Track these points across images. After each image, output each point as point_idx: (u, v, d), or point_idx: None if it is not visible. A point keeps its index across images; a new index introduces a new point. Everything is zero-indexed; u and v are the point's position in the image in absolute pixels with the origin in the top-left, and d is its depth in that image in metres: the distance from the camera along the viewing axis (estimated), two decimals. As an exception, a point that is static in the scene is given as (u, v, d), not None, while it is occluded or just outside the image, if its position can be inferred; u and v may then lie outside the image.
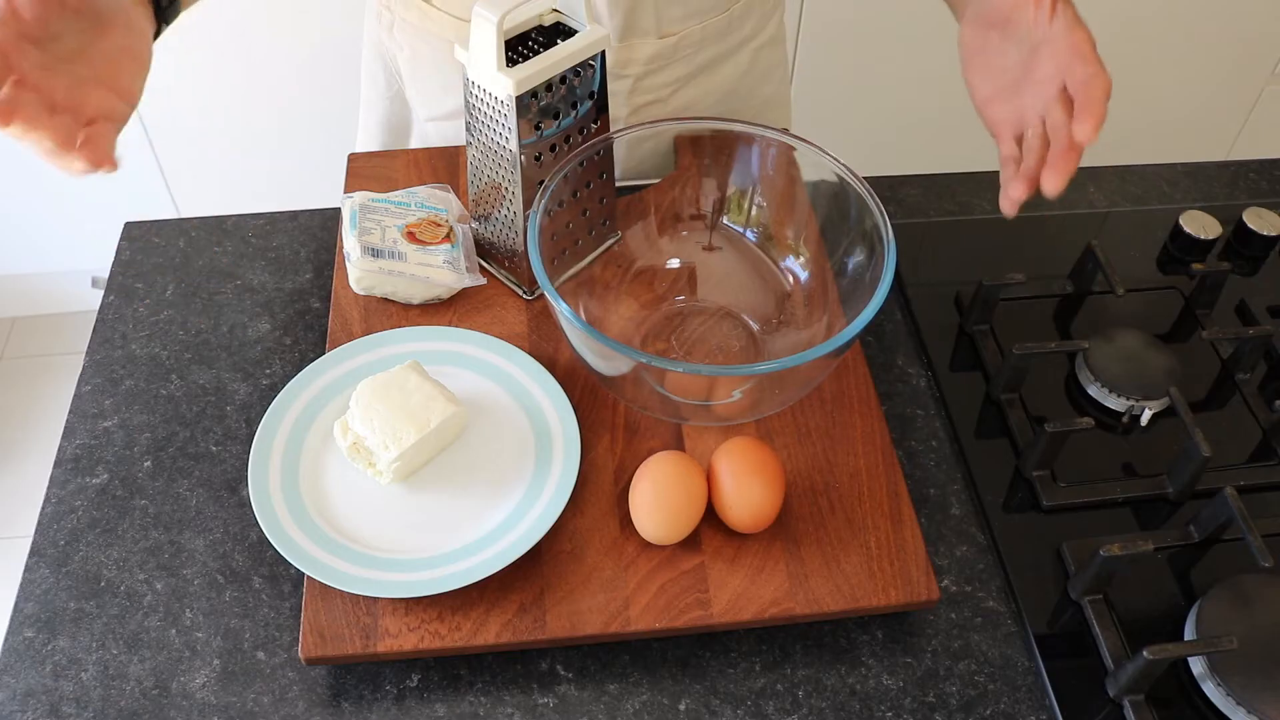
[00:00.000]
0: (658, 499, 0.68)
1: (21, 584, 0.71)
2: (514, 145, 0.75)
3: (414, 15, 0.93)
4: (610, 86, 0.91)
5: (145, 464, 0.77)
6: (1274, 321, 0.90)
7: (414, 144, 1.03)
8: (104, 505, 0.74)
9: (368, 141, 1.07)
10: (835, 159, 0.76)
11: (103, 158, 0.60)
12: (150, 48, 0.66)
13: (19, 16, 0.58)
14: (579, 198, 0.79)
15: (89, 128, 0.60)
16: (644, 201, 0.84)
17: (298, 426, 0.73)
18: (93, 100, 0.62)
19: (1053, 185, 0.66)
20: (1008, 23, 0.70)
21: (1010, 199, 0.69)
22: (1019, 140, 0.70)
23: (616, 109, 0.93)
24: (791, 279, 0.82)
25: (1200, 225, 0.94)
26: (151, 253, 0.91)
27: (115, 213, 1.12)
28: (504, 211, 0.80)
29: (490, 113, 0.75)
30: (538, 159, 0.77)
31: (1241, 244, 0.95)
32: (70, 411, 0.80)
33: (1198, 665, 0.67)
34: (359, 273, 0.80)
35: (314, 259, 0.90)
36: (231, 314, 0.86)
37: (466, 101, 0.77)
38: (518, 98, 0.72)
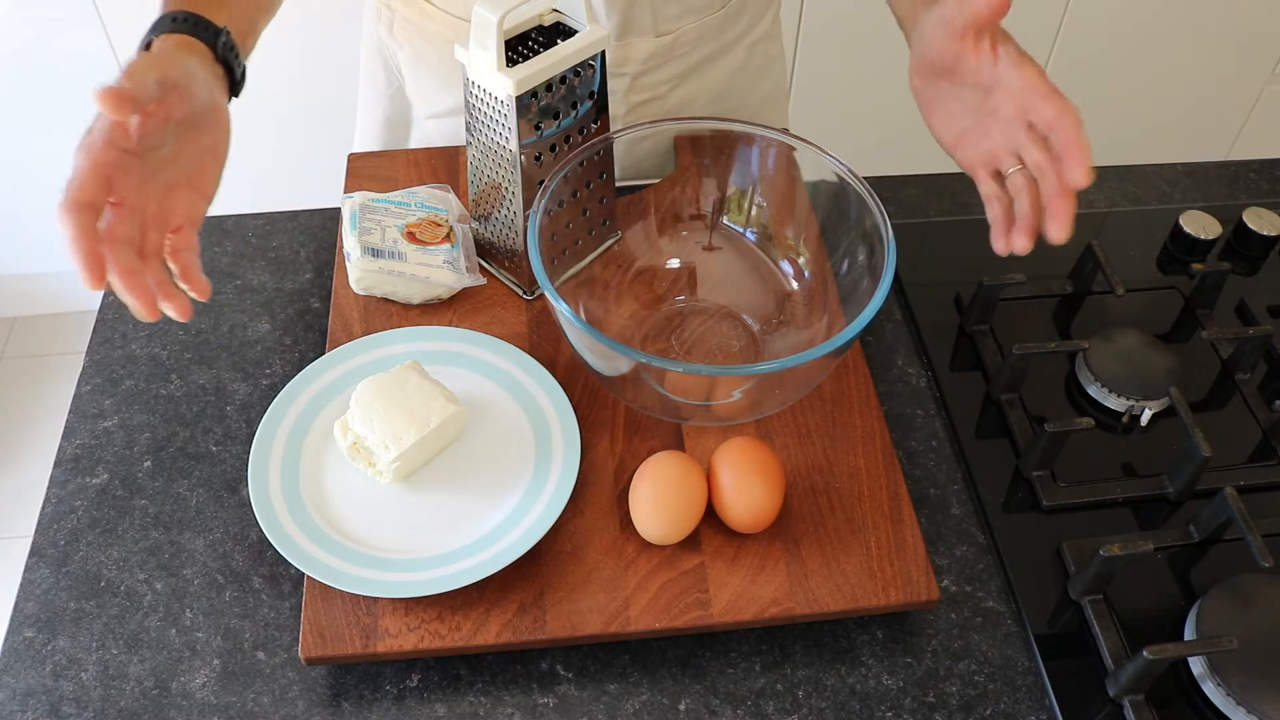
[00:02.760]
0: (658, 499, 0.68)
1: (21, 584, 0.71)
2: (514, 145, 0.75)
3: (414, 14, 0.93)
4: (608, 85, 0.91)
5: (145, 464, 0.77)
6: (1274, 321, 0.90)
7: (414, 142, 1.03)
8: (104, 505, 0.74)
9: (367, 141, 1.07)
10: (835, 159, 0.76)
11: (200, 291, 0.63)
12: (229, 143, 0.68)
13: (126, 135, 0.59)
14: (579, 198, 0.79)
15: (179, 265, 0.62)
16: (644, 201, 0.84)
17: (298, 426, 0.73)
18: (180, 206, 0.64)
19: (1059, 233, 0.65)
20: (952, 72, 0.70)
21: (1017, 248, 0.68)
22: (995, 177, 0.70)
23: (614, 107, 0.93)
24: (791, 279, 0.82)
25: (1200, 225, 0.94)
26: (151, 253, 0.91)
27: (115, 213, 1.12)
28: (504, 211, 0.80)
29: (490, 113, 0.75)
30: (538, 159, 0.77)
31: (1241, 244, 0.95)
32: (70, 411, 0.80)
33: (1198, 665, 0.67)
34: (359, 273, 0.80)
35: (314, 259, 0.90)
36: (231, 314, 0.86)
37: (466, 101, 0.77)
38: (518, 98, 0.72)
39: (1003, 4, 0.64)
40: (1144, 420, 0.81)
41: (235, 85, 0.70)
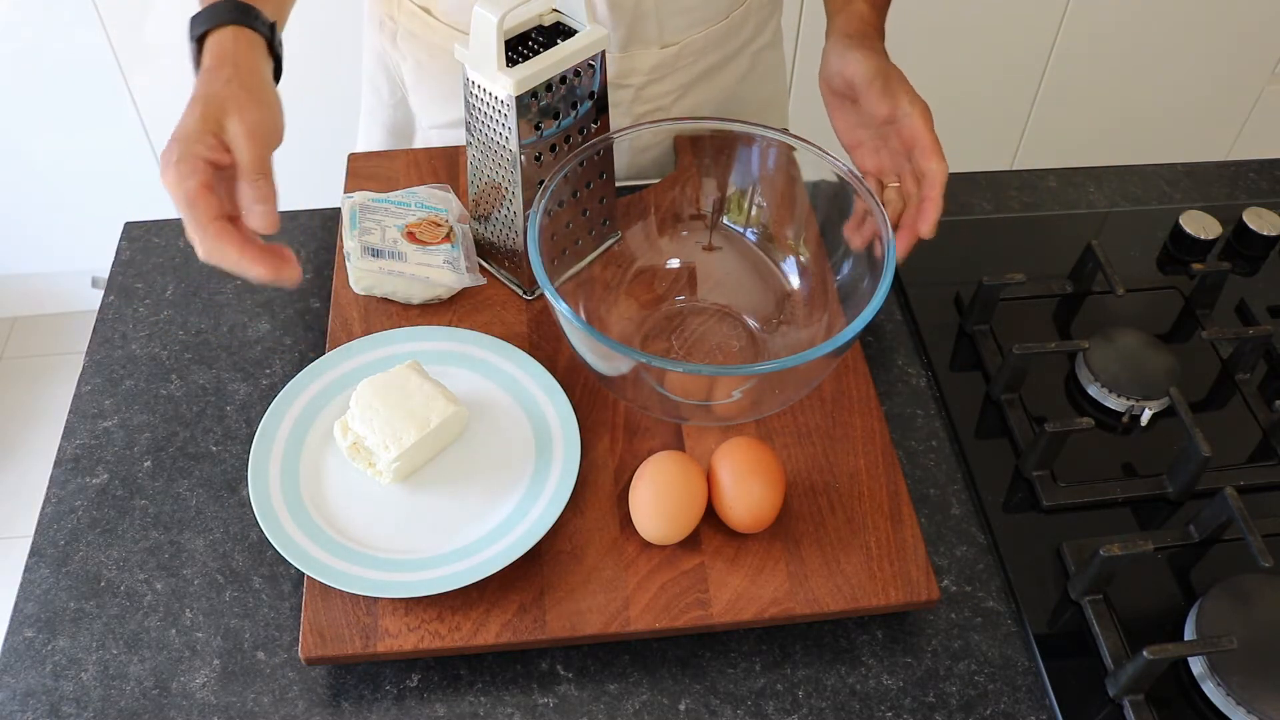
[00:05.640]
0: (658, 499, 0.68)
1: (21, 584, 0.71)
2: (514, 145, 0.75)
3: (417, 26, 0.92)
4: (612, 96, 0.91)
5: (145, 464, 0.77)
6: (1274, 321, 0.90)
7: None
8: (104, 505, 0.74)
9: (369, 148, 1.07)
10: (835, 159, 0.76)
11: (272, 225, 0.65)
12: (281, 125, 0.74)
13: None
14: (579, 198, 0.79)
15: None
16: (644, 201, 0.84)
17: (298, 426, 0.73)
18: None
19: (903, 249, 0.78)
20: (855, 100, 0.81)
21: (899, 252, 0.78)
22: (878, 184, 0.81)
23: (619, 119, 0.93)
24: (792, 279, 0.82)
25: (1200, 225, 0.94)
26: (151, 253, 0.91)
27: (115, 213, 1.12)
28: (504, 211, 0.80)
29: (490, 113, 0.75)
30: (538, 159, 0.77)
31: (1241, 244, 0.95)
32: (70, 411, 0.80)
33: (1198, 665, 0.67)
34: (359, 273, 0.80)
35: (314, 259, 0.90)
36: (231, 314, 0.86)
37: (466, 101, 0.77)
38: (518, 98, 0.72)
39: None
40: (1144, 420, 0.81)
41: (278, 72, 0.73)
